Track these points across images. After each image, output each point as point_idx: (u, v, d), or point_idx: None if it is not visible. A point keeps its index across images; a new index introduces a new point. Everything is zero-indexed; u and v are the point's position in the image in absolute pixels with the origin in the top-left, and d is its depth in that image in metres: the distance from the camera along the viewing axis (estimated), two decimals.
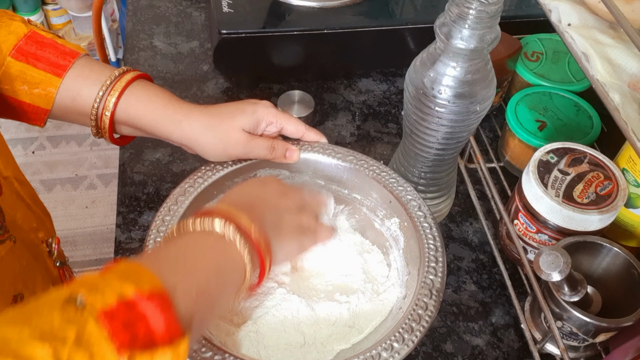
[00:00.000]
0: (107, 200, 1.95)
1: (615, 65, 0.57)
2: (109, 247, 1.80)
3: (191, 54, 0.97)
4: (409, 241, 0.62)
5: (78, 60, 0.62)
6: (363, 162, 0.67)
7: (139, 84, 0.63)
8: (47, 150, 2.08)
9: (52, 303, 0.36)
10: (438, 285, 0.56)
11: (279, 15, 0.88)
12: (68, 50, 0.62)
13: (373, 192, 0.66)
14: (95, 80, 0.62)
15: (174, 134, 0.63)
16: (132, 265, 0.42)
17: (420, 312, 0.55)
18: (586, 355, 0.63)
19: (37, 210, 0.63)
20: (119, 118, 0.63)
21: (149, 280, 0.40)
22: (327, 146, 0.68)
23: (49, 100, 0.61)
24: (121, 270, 0.40)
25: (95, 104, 0.61)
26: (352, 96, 0.93)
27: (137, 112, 0.62)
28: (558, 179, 0.63)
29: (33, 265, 0.60)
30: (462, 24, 0.57)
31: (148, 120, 0.62)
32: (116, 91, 0.61)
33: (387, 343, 0.52)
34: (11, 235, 0.55)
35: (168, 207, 0.61)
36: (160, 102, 0.62)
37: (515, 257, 0.70)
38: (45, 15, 2.22)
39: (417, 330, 0.53)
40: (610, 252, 0.62)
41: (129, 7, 1.04)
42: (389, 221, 0.65)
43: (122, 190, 0.79)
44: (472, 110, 0.62)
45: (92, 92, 0.61)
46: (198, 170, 0.65)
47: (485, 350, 0.67)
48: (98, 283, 0.38)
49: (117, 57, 2.20)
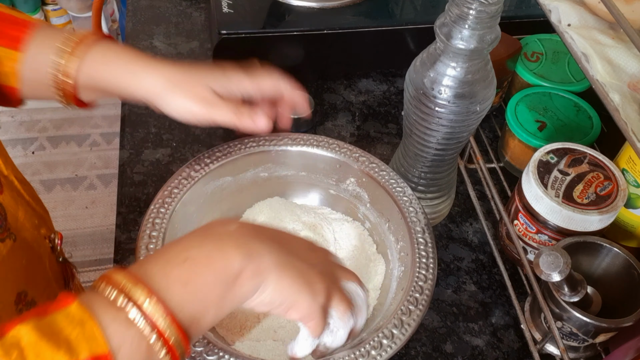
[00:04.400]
0: (107, 200, 1.95)
1: (615, 66, 0.57)
2: (109, 247, 1.80)
3: (191, 54, 0.97)
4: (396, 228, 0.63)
5: (37, 30, 0.59)
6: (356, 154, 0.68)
7: (101, 46, 0.60)
8: (47, 151, 2.08)
9: None
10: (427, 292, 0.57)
11: (278, 16, 0.88)
12: (21, 21, 0.59)
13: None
14: (55, 47, 0.58)
15: (137, 89, 0.59)
16: (80, 313, 0.38)
17: (412, 308, 0.55)
18: (586, 355, 0.63)
19: (38, 207, 0.63)
20: (82, 83, 0.59)
21: (89, 343, 0.36)
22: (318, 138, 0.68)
23: (15, 78, 0.59)
24: (65, 323, 0.37)
25: (57, 72, 0.58)
26: (352, 96, 0.93)
27: (98, 73, 0.59)
28: (558, 179, 0.63)
29: (35, 263, 0.60)
30: (462, 24, 0.57)
31: (109, 79, 0.59)
32: (76, 57, 0.58)
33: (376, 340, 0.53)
34: (11, 234, 0.55)
35: (156, 209, 0.61)
36: (123, 59, 0.59)
37: (515, 257, 0.70)
38: (45, 16, 2.22)
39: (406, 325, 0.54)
40: (610, 253, 0.62)
41: (128, 7, 1.04)
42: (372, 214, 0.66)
43: (122, 190, 0.79)
44: (472, 110, 0.62)
45: (52, 60, 0.58)
46: (181, 171, 0.64)
47: (485, 351, 0.67)
48: (29, 353, 0.35)
49: None
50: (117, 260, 0.72)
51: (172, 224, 0.60)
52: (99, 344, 0.36)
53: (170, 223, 0.60)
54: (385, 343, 0.52)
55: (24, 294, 0.57)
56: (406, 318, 0.54)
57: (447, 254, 0.75)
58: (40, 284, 0.60)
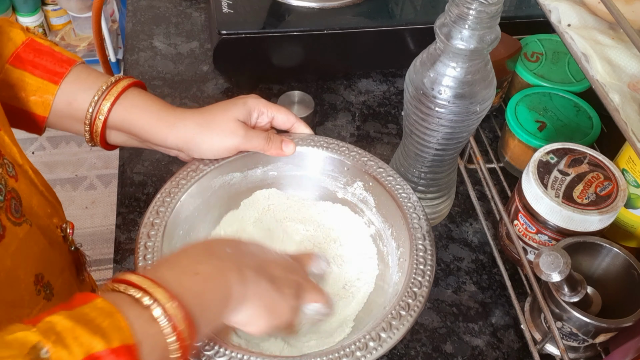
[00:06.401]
0: (107, 200, 1.96)
1: (615, 66, 0.57)
2: (109, 247, 1.80)
3: (191, 55, 0.97)
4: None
5: (75, 67, 0.63)
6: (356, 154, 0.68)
7: (134, 90, 0.64)
8: (47, 151, 2.09)
9: (18, 348, 0.36)
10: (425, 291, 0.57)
11: (278, 16, 0.88)
12: (65, 58, 0.63)
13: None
14: (92, 85, 0.63)
15: (169, 137, 0.63)
16: (107, 307, 0.40)
17: (410, 302, 0.55)
18: (586, 355, 0.64)
19: (50, 197, 0.64)
20: (112, 123, 0.63)
21: (120, 333, 0.39)
22: (317, 138, 0.68)
23: (46, 107, 0.63)
24: (95, 314, 0.39)
25: (90, 108, 0.62)
26: (352, 97, 0.93)
27: (132, 117, 0.63)
28: (558, 179, 0.63)
29: (49, 249, 0.61)
30: (462, 25, 0.57)
31: (142, 125, 0.63)
32: (112, 96, 0.62)
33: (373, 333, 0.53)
34: (27, 219, 0.57)
35: (162, 198, 0.61)
36: (154, 108, 0.63)
37: (515, 257, 0.70)
38: (45, 16, 2.23)
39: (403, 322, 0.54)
40: (610, 253, 0.62)
41: (128, 7, 1.05)
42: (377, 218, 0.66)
43: (122, 190, 0.79)
44: (472, 110, 0.62)
45: (88, 97, 0.62)
46: (191, 163, 0.65)
47: (485, 351, 0.67)
48: (67, 334, 0.37)
49: (117, 57, 2.20)
50: (117, 260, 0.72)
51: (176, 213, 0.61)
52: (127, 335, 0.39)
53: (174, 213, 0.61)
54: (371, 345, 0.52)
55: (41, 276, 0.59)
56: (396, 322, 0.54)
57: (447, 254, 0.75)
58: (55, 269, 0.62)
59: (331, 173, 0.69)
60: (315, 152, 0.68)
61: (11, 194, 0.55)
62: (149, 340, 0.41)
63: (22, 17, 2.15)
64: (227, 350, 0.51)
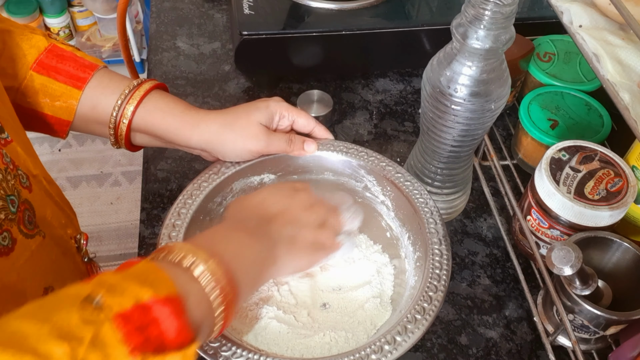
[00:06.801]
0: (131, 196, 1.98)
1: (625, 66, 0.57)
2: (133, 242, 1.82)
3: (213, 55, 0.98)
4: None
5: (97, 72, 0.64)
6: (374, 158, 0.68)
7: (157, 93, 0.65)
8: (73, 148, 2.12)
9: (71, 300, 0.37)
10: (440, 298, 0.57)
11: (298, 17, 0.89)
12: (87, 63, 0.64)
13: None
14: (115, 89, 0.63)
15: (192, 138, 0.64)
16: (151, 266, 0.43)
17: (426, 306, 0.56)
18: (597, 347, 0.64)
19: (65, 207, 0.64)
20: (136, 126, 0.64)
21: (166, 286, 0.41)
22: (337, 143, 0.69)
23: (70, 112, 0.63)
24: (140, 271, 0.42)
25: (114, 112, 0.63)
26: (369, 95, 0.94)
27: (155, 119, 0.64)
28: (570, 176, 0.64)
29: (62, 260, 0.61)
30: (478, 25, 0.57)
31: (166, 127, 0.64)
32: (135, 100, 0.63)
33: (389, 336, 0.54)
34: (40, 231, 0.57)
35: (184, 200, 0.62)
36: (177, 110, 0.64)
37: (528, 252, 0.71)
38: (71, 17, 2.24)
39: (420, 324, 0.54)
40: (620, 247, 0.63)
41: (152, 9, 1.06)
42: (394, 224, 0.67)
43: (145, 187, 0.80)
44: (487, 108, 0.63)
45: (111, 101, 0.63)
46: (212, 166, 0.66)
47: (499, 343, 0.68)
48: (117, 285, 0.39)
49: (141, 57, 2.22)
50: (141, 255, 0.73)
51: (196, 214, 0.62)
52: (172, 290, 0.41)
53: (196, 214, 0.62)
54: (386, 348, 0.52)
55: (50, 289, 0.58)
56: (411, 326, 0.54)
57: (462, 248, 0.76)
58: (67, 281, 0.62)
59: (349, 177, 0.69)
60: (335, 157, 0.68)
61: (24, 205, 0.55)
62: (193, 297, 0.43)
63: (49, 18, 2.16)
64: (244, 351, 0.52)
